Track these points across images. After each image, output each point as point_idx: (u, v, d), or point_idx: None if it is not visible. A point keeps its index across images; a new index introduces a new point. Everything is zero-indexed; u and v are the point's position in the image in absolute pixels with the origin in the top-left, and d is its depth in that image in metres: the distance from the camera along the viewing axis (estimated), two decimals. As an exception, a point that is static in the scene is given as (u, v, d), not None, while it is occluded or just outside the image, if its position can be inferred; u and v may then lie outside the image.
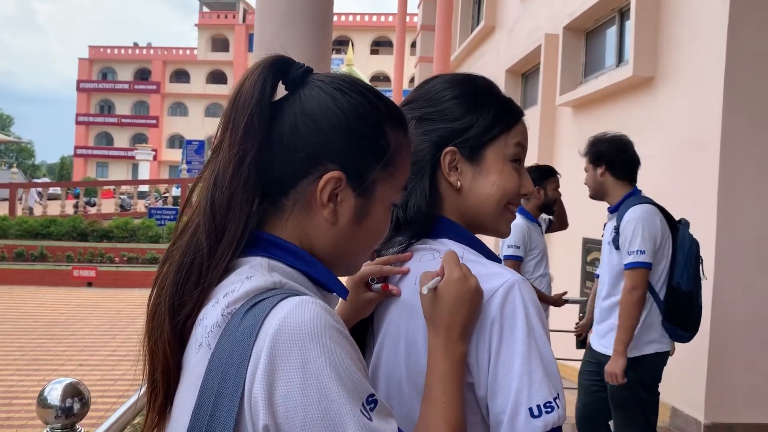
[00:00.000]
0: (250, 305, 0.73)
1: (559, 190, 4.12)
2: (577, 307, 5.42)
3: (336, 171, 0.80)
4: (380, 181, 0.83)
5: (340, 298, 0.89)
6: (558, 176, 4.09)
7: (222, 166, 0.79)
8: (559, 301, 4.15)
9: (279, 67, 0.83)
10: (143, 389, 0.82)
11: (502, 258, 3.69)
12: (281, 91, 0.85)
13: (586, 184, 3.17)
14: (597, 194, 3.15)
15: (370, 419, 0.69)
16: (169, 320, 0.78)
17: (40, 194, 23.01)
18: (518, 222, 3.82)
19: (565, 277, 6.09)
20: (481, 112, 1.00)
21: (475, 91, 1.03)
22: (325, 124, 0.81)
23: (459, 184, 0.99)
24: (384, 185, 0.84)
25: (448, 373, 0.84)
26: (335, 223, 0.82)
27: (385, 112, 0.86)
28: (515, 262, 3.82)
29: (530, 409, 0.82)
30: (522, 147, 1.03)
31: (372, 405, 0.70)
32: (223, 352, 0.71)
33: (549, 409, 0.83)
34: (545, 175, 4.01)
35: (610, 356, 2.97)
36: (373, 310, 1.02)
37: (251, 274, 0.77)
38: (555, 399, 0.84)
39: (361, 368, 0.72)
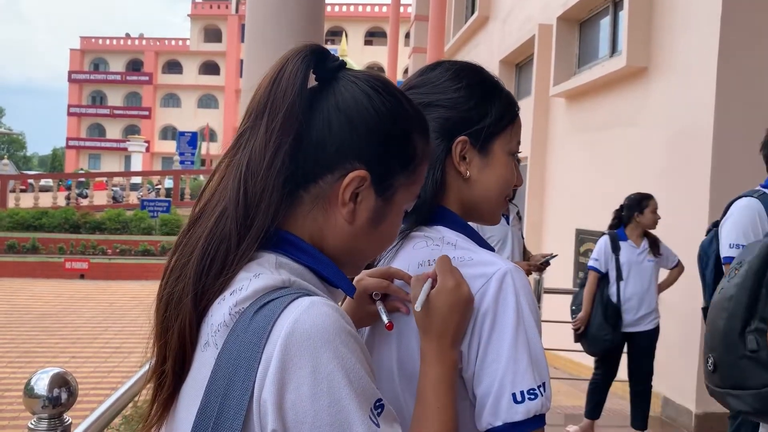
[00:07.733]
0: (259, 305, 0.71)
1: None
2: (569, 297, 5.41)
3: (362, 170, 0.79)
4: (401, 186, 0.83)
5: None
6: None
7: (257, 153, 0.76)
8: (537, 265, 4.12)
9: (317, 57, 0.81)
10: (133, 380, 0.80)
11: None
12: None
13: None
14: None
15: (378, 425, 0.69)
16: (193, 310, 0.75)
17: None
18: None
19: (559, 268, 6.09)
20: (492, 104, 1.01)
21: (484, 82, 1.03)
22: (358, 122, 0.79)
23: (468, 173, 1.00)
24: (404, 191, 0.84)
25: (441, 379, 0.85)
26: (352, 222, 0.81)
27: (415, 119, 0.85)
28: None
29: (513, 395, 0.84)
30: (519, 142, 1.07)
31: (379, 410, 0.70)
32: (231, 353, 0.70)
33: (532, 396, 0.84)
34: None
35: None
36: None
37: (259, 272, 0.75)
38: (539, 387, 0.85)
39: (369, 371, 0.71)
